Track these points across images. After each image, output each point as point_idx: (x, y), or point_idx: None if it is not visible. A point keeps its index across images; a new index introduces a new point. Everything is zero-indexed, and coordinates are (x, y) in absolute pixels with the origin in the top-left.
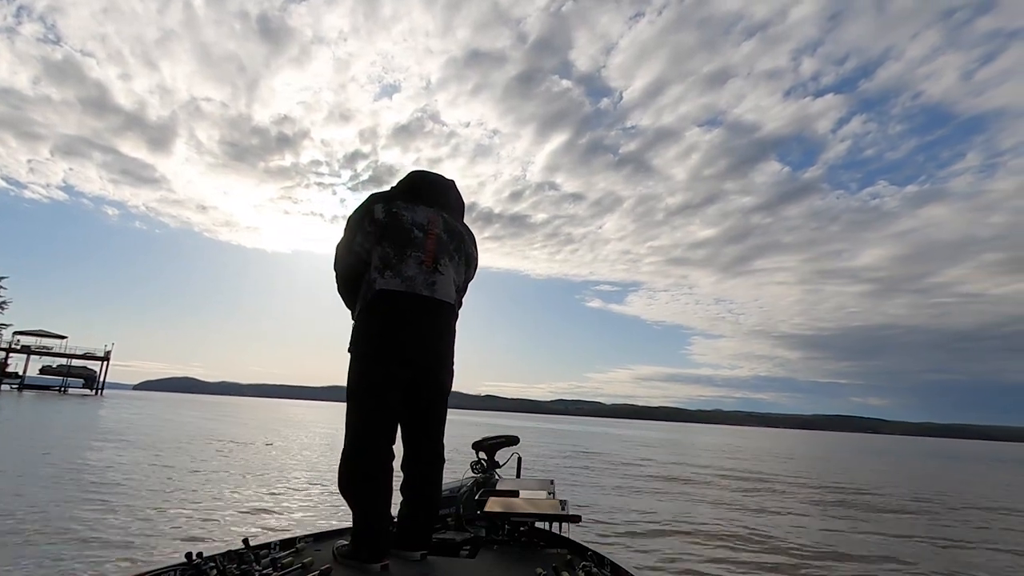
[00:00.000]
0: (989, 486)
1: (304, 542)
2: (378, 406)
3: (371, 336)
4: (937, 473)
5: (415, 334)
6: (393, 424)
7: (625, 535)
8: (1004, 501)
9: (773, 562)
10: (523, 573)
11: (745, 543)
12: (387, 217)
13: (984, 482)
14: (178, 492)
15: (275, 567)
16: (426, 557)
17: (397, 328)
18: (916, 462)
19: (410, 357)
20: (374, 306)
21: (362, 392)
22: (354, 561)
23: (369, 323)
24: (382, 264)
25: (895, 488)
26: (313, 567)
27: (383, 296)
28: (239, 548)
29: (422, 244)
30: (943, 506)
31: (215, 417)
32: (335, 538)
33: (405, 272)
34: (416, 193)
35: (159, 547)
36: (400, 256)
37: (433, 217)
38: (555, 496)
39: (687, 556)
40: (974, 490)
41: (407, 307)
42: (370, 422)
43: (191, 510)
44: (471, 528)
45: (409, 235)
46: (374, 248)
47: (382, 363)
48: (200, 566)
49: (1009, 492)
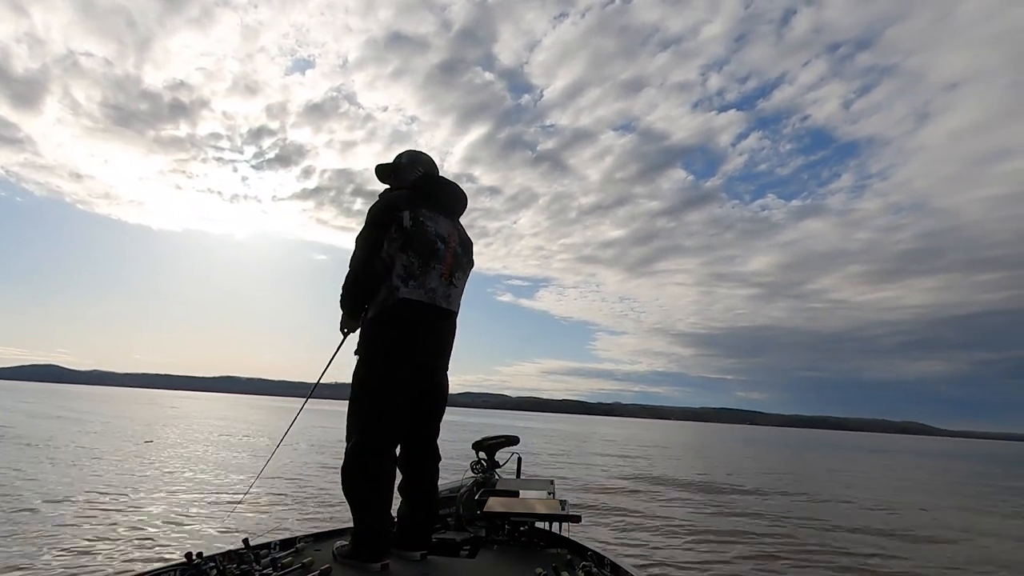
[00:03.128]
0: (819, 470)
1: (304, 542)
2: (387, 409)
3: (387, 342)
4: (788, 459)
5: (430, 343)
6: (400, 427)
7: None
8: (821, 483)
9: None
10: (523, 573)
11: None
12: (414, 226)
13: (817, 466)
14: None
15: (275, 567)
16: (426, 557)
17: (415, 336)
18: (770, 450)
19: (420, 363)
20: (395, 313)
21: (371, 395)
22: (354, 561)
23: (386, 329)
24: (405, 273)
25: (746, 471)
26: (313, 567)
27: (405, 305)
28: (239, 548)
29: (443, 257)
30: (776, 488)
31: (77, 411)
32: (335, 538)
33: (428, 284)
34: (437, 201)
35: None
36: (424, 268)
37: (451, 230)
38: (555, 496)
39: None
40: (805, 473)
41: (426, 318)
42: (378, 425)
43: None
44: (471, 528)
45: (433, 247)
46: (397, 255)
47: (394, 368)
48: (200, 566)
49: (832, 476)
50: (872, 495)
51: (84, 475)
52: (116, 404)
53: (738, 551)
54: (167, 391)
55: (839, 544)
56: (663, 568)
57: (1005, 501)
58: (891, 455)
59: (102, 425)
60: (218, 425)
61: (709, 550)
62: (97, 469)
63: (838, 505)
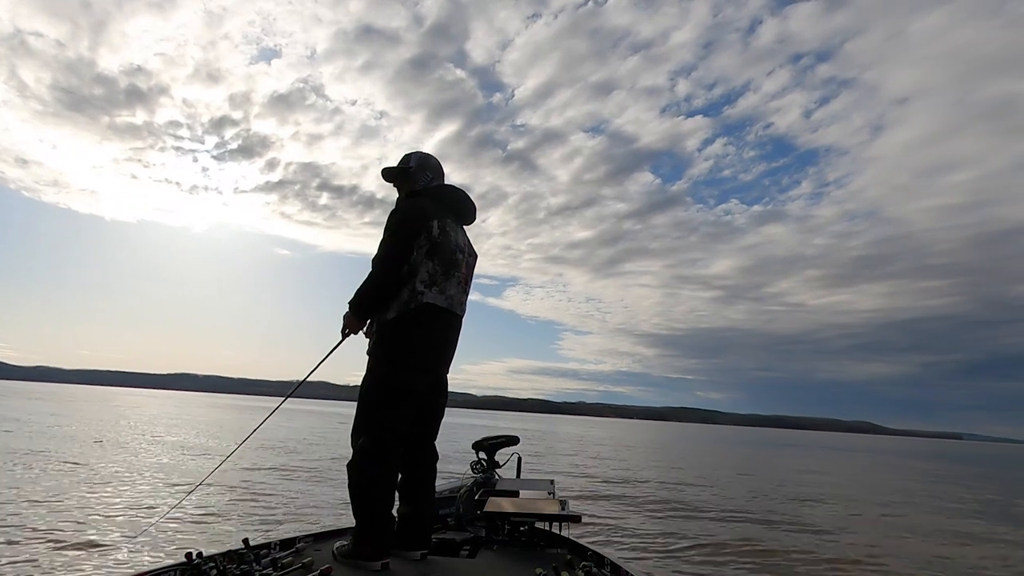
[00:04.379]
0: (789, 470)
1: (304, 542)
2: (398, 411)
3: (406, 344)
4: (742, 456)
5: (444, 347)
6: (408, 429)
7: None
8: (758, 477)
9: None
10: (523, 573)
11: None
12: (441, 236)
13: (765, 464)
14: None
15: (275, 567)
16: (426, 557)
17: (433, 340)
18: (731, 448)
19: (432, 365)
20: (418, 317)
21: (385, 396)
22: (355, 560)
23: (406, 332)
24: (429, 279)
25: (710, 470)
26: (313, 567)
27: (428, 310)
28: (239, 548)
29: (460, 266)
30: (741, 488)
31: (16, 409)
32: (335, 538)
33: (448, 291)
34: (459, 213)
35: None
36: (446, 275)
37: (466, 241)
38: (555, 496)
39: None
40: (770, 473)
41: (444, 323)
42: (389, 426)
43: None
44: (471, 528)
45: (454, 256)
46: (423, 262)
47: (409, 369)
48: (200, 566)
49: (774, 472)
50: (836, 491)
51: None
52: (59, 402)
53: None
54: (118, 388)
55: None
56: (663, 568)
57: (955, 498)
58: (846, 453)
59: (37, 425)
60: (169, 425)
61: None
62: (19, 476)
63: (813, 506)
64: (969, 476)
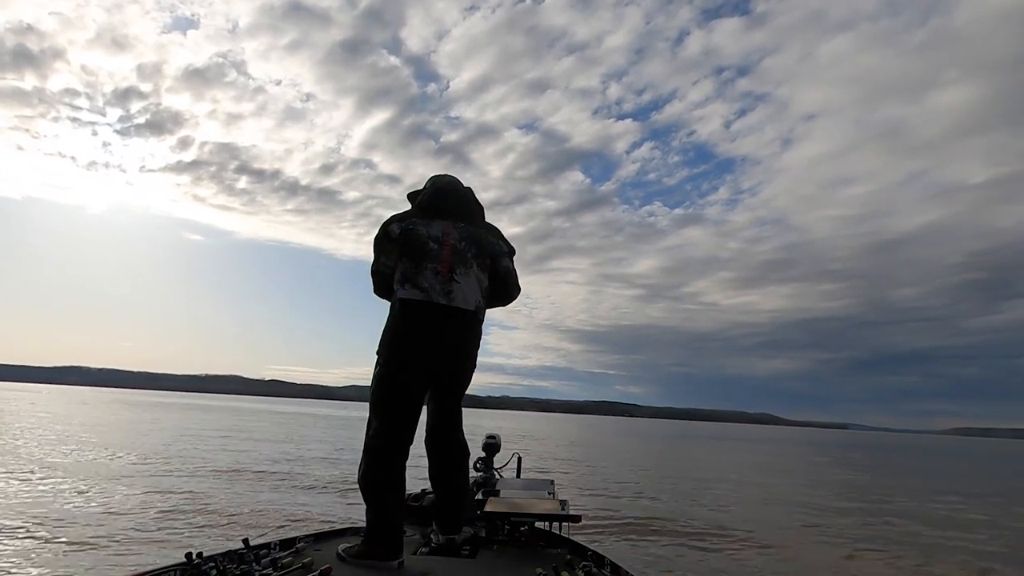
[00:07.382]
0: (673, 458)
1: (304, 542)
2: (397, 407)
3: (391, 341)
4: (653, 448)
5: (433, 339)
6: (410, 424)
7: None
8: (666, 468)
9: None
10: (523, 573)
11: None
12: (403, 234)
13: (676, 455)
14: None
15: (275, 567)
16: (403, 565)
17: (415, 334)
18: (645, 441)
19: (429, 360)
20: (394, 314)
21: (383, 393)
22: (368, 560)
23: (389, 330)
24: (402, 277)
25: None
26: (313, 567)
27: (402, 304)
28: (239, 548)
29: (437, 255)
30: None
31: None
32: (335, 538)
33: (421, 283)
34: (435, 210)
35: None
36: (416, 268)
37: (448, 228)
38: (555, 496)
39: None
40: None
41: (423, 314)
42: (389, 422)
43: None
44: (471, 528)
45: (424, 247)
46: (397, 264)
47: (401, 366)
48: (200, 566)
49: (683, 462)
50: (731, 475)
51: None
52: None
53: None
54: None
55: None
56: (663, 568)
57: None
58: (753, 443)
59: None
60: (43, 424)
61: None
62: None
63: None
64: (846, 460)
